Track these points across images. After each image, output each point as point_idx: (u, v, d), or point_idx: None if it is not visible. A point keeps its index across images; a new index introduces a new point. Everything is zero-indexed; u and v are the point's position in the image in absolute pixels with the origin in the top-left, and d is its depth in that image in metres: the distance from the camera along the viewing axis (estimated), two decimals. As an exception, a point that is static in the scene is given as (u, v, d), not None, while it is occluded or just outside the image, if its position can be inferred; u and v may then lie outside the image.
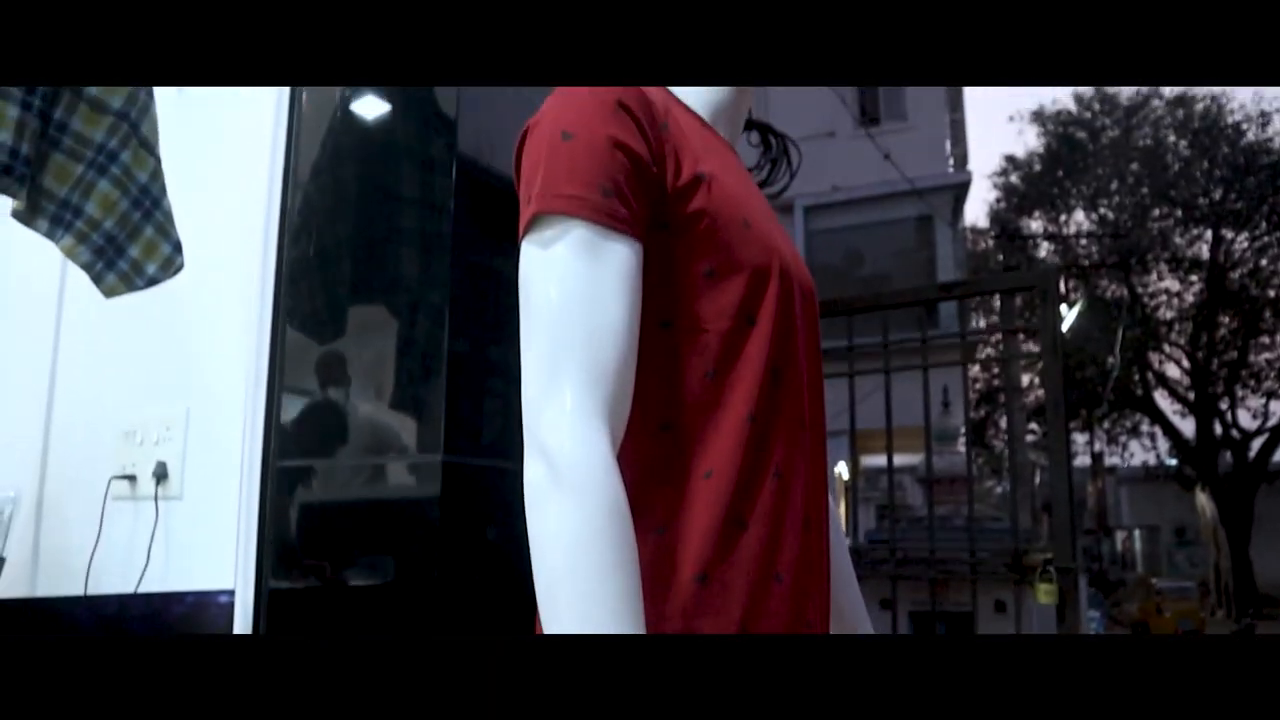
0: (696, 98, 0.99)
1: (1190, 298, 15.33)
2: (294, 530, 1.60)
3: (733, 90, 1.01)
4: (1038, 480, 14.44)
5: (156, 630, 1.57)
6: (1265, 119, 14.35)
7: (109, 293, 1.47)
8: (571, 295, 0.76)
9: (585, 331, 0.76)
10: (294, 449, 1.64)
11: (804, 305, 0.94)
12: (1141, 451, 17.09)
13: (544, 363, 0.75)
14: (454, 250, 1.57)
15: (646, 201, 0.82)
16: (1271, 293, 14.82)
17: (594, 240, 0.78)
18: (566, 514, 0.70)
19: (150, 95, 1.48)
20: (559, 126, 0.81)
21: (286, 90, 1.76)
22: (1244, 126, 14.40)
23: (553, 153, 0.80)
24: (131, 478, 1.75)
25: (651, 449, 0.83)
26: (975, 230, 16.70)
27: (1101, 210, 15.24)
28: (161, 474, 1.71)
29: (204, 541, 1.67)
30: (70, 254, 1.43)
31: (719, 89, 1.00)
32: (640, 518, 0.78)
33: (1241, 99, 19.86)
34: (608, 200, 0.78)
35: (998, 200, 16.24)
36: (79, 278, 1.47)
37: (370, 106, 1.70)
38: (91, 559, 1.72)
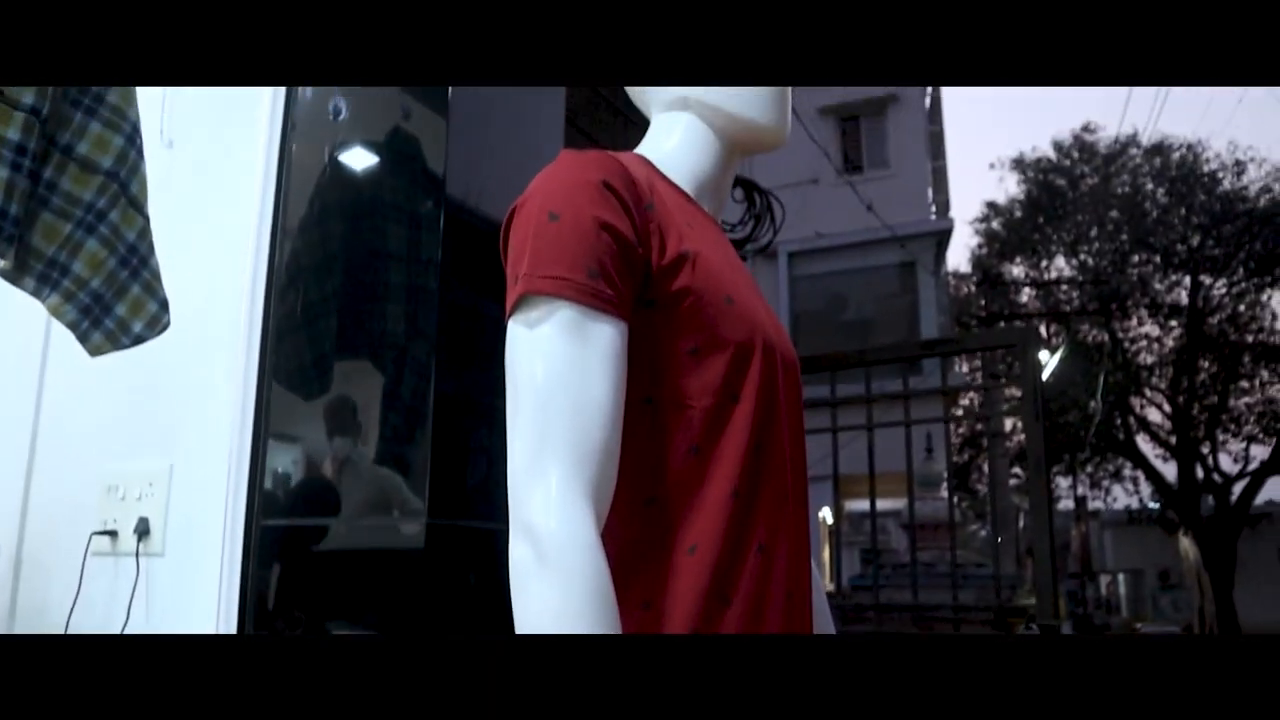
0: (681, 171, 1.01)
1: (1170, 342, 15.46)
2: (276, 588, 1.59)
3: (718, 163, 1.03)
4: (1021, 524, 14.46)
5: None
6: (1240, 168, 14.58)
7: (94, 351, 1.47)
8: (557, 376, 0.78)
9: (571, 412, 0.77)
10: (278, 507, 1.63)
11: (786, 378, 0.95)
12: (1124, 495, 17.15)
13: (530, 443, 0.76)
14: (441, 306, 1.58)
15: (632, 281, 0.83)
16: (1250, 338, 14.98)
17: (580, 321, 0.79)
18: (551, 595, 0.71)
19: (140, 154, 1.49)
20: (546, 207, 0.83)
21: (276, 145, 1.78)
22: (1220, 175, 14.63)
23: (539, 233, 0.82)
24: (113, 533, 1.74)
25: (636, 524, 0.84)
26: (958, 275, 16.86)
27: (1082, 256, 15.41)
28: (143, 530, 1.70)
29: (185, 599, 1.66)
30: (56, 312, 1.44)
31: (704, 161, 1.02)
32: (624, 593, 0.79)
33: (1217, 148, 20.18)
34: (593, 281, 0.80)
35: (980, 246, 16.41)
36: (64, 332, 1.47)
37: (359, 158, 1.72)
38: (70, 615, 1.70)
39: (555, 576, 0.71)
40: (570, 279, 0.79)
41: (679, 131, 1.03)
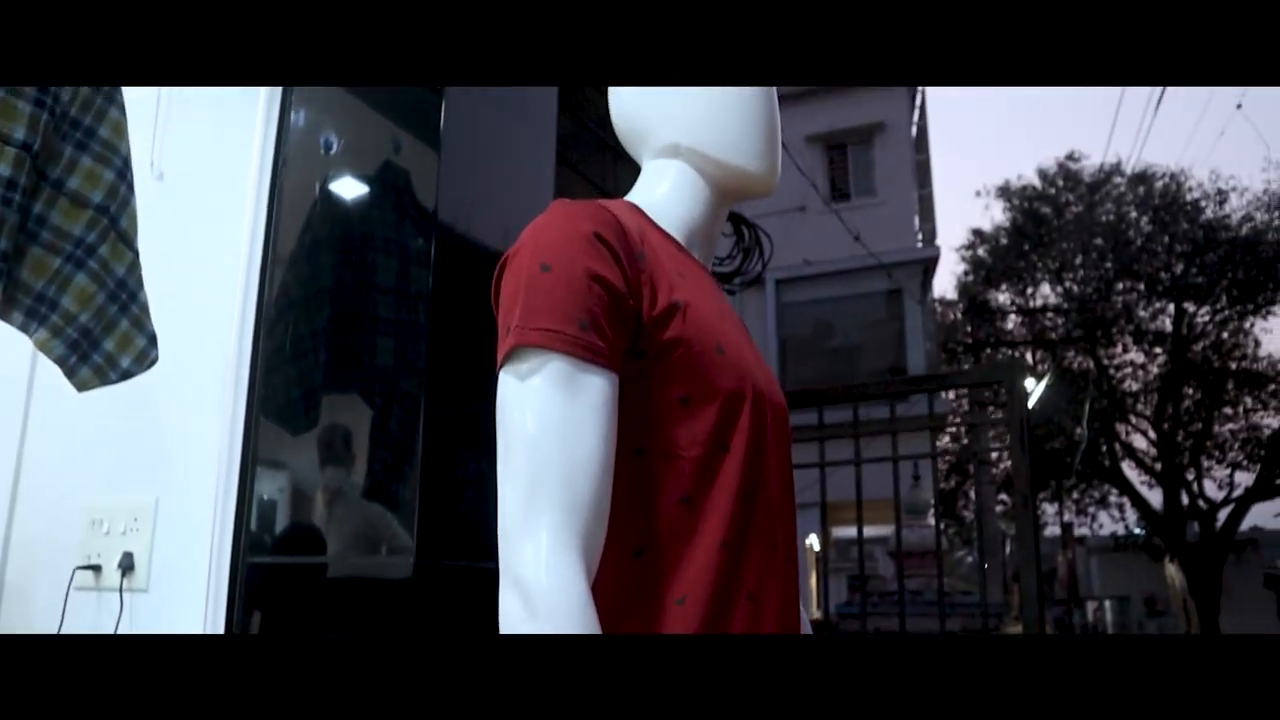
0: (671, 219, 1.02)
1: (1155, 370, 15.55)
2: (261, 626, 1.58)
3: (708, 210, 1.04)
4: (1008, 550, 14.45)
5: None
6: (1222, 196, 14.73)
7: (81, 386, 1.46)
8: (548, 428, 0.78)
9: (562, 464, 0.77)
10: (265, 544, 1.62)
11: (776, 426, 0.96)
12: (1110, 522, 17.19)
13: (520, 495, 0.76)
14: (430, 339, 1.58)
15: (623, 332, 0.84)
16: (1233, 365, 15.08)
17: (571, 373, 0.79)
18: None
19: (130, 189, 1.49)
20: (537, 259, 0.83)
21: (267, 178, 1.78)
22: (1202, 204, 14.77)
23: (531, 285, 0.82)
24: (96, 568, 1.72)
25: (625, 574, 0.84)
26: (944, 302, 16.94)
27: (1067, 283, 15.51)
28: (128, 565, 1.68)
29: (169, 635, 1.65)
30: (44, 347, 1.43)
31: (695, 209, 1.03)
32: None
33: (1199, 177, 20.31)
34: (585, 333, 0.80)
35: (966, 273, 16.50)
36: (50, 364, 1.46)
37: (349, 192, 1.72)
38: (52, 651, 1.69)
39: (545, 630, 0.71)
40: (562, 331, 0.79)
41: (669, 179, 1.04)
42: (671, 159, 1.04)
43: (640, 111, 1.06)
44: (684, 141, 1.02)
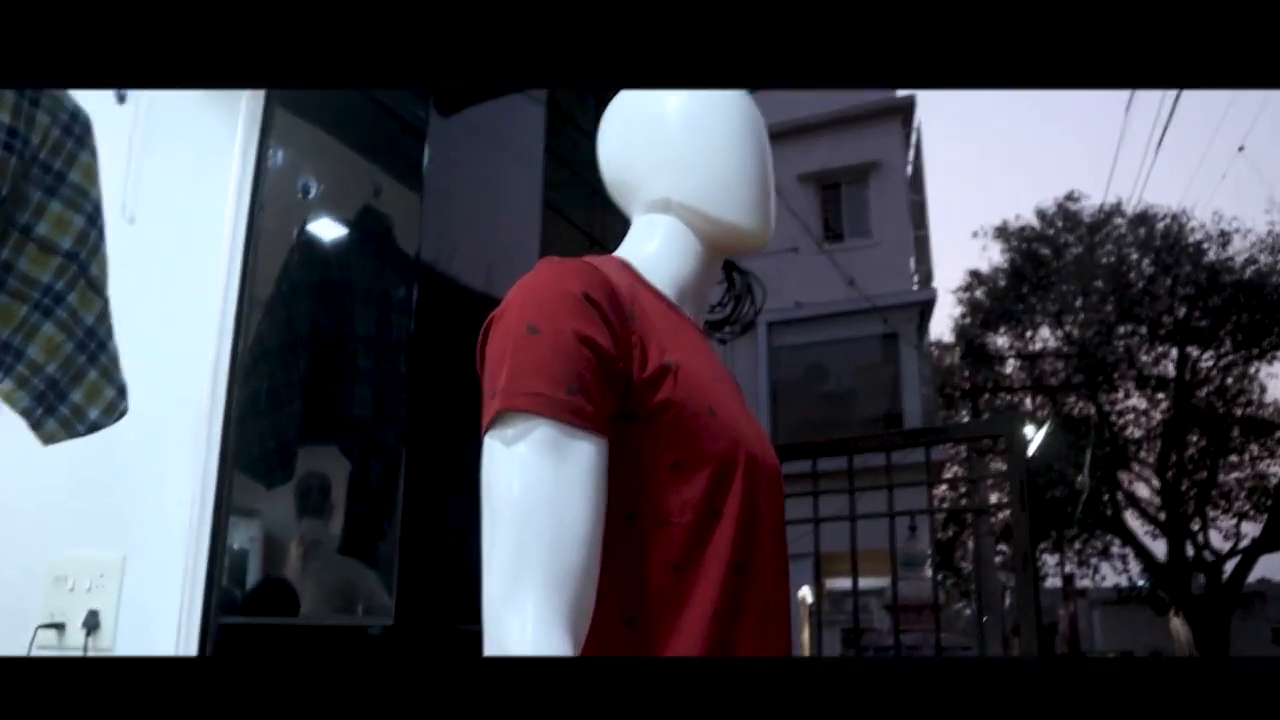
0: (662, 275, 0.99)
1: (1158, 416, 15.44)
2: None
3: (700, 266, 1.01)
4: (1007, 603, 14.26)
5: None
6: (1225, 238, 14.63)
7: (48, 440, 1.41)
8: (535, 495, 0.75)
9: (549, 533, 0.74)
10: (236, 601, 1.56)
11: (769, 491, 0.92)
12: (1113, 574, 16.99)
13: (507, 564, 0.74)
14: (411, 389, 1.53)
15: (612, 395, 0.81)
16: (1239, 411, 14.96)
17: (558, 439, 0.77)
18: None
19: (101, 235, 1.45)
20: (524, 320, 0.80)
21: (243, 222, 1.74)
22: (1205, 246, 14.68)
23: (518, 347, 0.79)
24: (60, 626, 1.66)
25: (615, 644, 0.81)
26: (940, 345, 16.85)
27: (1067, 327, 15.40)
28: (93, 624, 1.63)
29: (133, 699, 1.58)
30: (8, 399, 1.38)
31: (686, 265, 1.00)
32: None
33: (1202, 218, 20.29)
34: (573, 398, 0.77)
35: (963, 316, 16.38)
36: (12, 415, 1.41)
37: (328, 237, 1.68)
38: (12, 714, 1.62)
39: None
40: (549, 395, 0.77)
41: (660, 235, 1.01)
42: (662, 214, 1.01)
43: (630, 164, 1.03)
44: (675, 196, 1.00)
